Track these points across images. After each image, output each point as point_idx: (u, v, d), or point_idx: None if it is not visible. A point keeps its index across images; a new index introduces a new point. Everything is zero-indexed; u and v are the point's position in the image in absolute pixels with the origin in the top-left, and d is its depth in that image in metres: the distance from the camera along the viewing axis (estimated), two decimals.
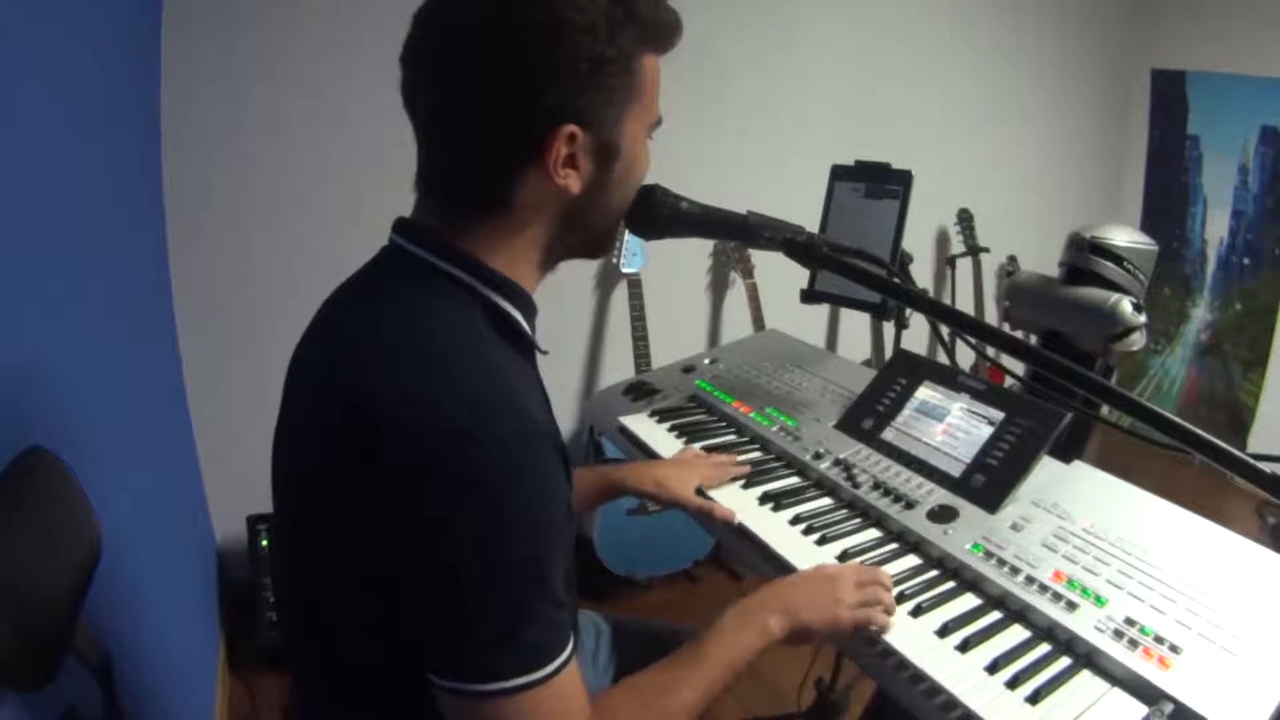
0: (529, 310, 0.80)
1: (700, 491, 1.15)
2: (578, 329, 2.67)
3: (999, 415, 1.10)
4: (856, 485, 1.11)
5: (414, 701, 0.70)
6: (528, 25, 0.68)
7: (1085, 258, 1.26)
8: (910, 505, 1.05)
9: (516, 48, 0.69)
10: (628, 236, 2.31)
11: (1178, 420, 0.75)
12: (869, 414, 1.22)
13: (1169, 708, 0.73)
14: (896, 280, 1.06)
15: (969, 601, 0.91)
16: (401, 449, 0.65)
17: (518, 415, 0.68)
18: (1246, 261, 3.23)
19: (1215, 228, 3.32)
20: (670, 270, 2.64)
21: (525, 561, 0.66)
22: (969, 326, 1.04)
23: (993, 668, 0.80)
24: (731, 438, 1.30)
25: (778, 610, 0.86)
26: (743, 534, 1.07)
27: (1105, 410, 1.05)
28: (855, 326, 3.03)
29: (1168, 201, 3.49)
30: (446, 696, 0.67)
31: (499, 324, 0.76)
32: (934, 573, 0.97)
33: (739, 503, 1.11)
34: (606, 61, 0.70)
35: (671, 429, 1.33)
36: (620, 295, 2.63)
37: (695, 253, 2.78)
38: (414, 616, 0.68)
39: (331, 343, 0.78)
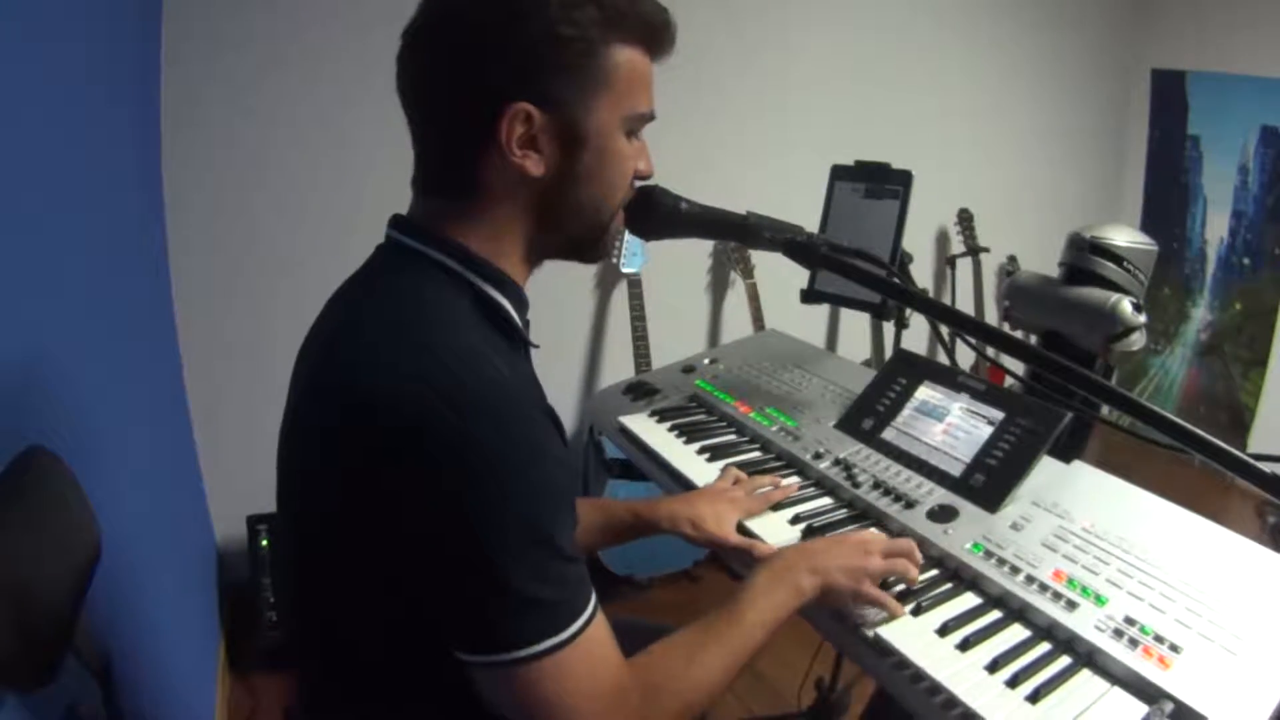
0: (519, 302, 0.80)
1: (741, 527, 1.07)
2: (578, 329, 2.67)
3: (999, 415, 1.10)
4: (856, 485, 1.11)
5: (419, 695, 0.70)
6: None
7: (1085, 258, 1.26)
8: (910, 505, 1.05)
9: (470, 20, 0.70)
10: (628, 236, 2.31)
11: (1178, 420, 0.75)
12: (869, 414, 1.22)
13: (1169, 707, 0.73)
14: (896, 280, 1.06)
15: (969, 601, 0.91)
16: (394, 435, 0.66)
17: (502, 386, 0.68)
18: (1246, 261, 3.23)
19: (1215, 228, 3.32)
20: (670, 270, 2.64)
21: (529, 523, 0.67)
22: (969, 326, 1.04)
23: (993, 667, 0.80)
24: (731, 438, 1.30)
25: (809, 569, 0.87)
26: (742, 533, 1.07)
27: (1105, 410, 1.05)
28: (855, 326, 3.03)
29: (1168, 201, 3.49)
30: (477, 671, 0.67)
31: (488, 312, 0.76)
32: (934, 572, 0.96)
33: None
34: (563, 39, 0.70)
35: (671, 429, 1.33)
36: (620, 295, 2.63)
37: (695, 253, 2.78)
38: (430, 599, 0.68)
39: (327, 340, 0.78)
